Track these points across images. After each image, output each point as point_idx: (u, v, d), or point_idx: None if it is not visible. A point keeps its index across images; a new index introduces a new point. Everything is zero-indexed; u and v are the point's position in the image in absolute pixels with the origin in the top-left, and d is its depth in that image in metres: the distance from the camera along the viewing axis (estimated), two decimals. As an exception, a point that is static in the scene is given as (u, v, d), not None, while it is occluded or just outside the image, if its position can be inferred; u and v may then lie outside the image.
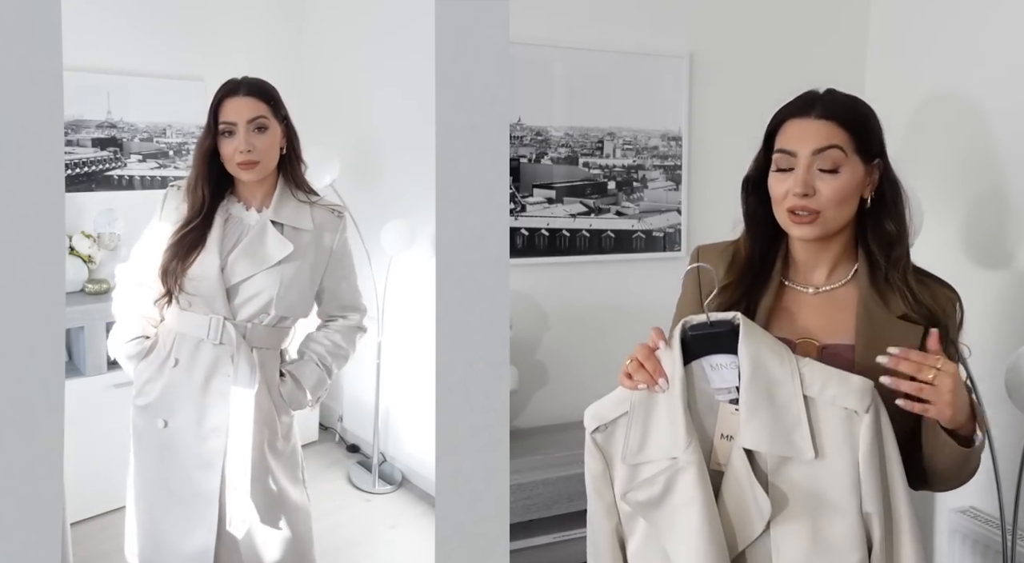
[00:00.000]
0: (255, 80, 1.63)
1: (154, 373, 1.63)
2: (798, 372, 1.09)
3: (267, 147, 1.59)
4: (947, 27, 2.29)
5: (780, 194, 1.19)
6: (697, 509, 1.07)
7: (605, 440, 1.16)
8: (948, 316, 1.22)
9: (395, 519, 2.70)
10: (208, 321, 1.57)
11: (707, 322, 1.13)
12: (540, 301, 2.36)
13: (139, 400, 1.66)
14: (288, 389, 1.65)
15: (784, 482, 1.09)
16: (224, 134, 1.57)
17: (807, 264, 1.25)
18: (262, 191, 1.63)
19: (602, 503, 1.18)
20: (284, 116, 1.64)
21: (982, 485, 2.15)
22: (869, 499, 1.08)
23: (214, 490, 1.59)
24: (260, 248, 1.58)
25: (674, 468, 1.10)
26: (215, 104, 1.59)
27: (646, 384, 1.12)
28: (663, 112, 2.41)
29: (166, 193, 1.65)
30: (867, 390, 1.08)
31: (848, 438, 1.08)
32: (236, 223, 1.61)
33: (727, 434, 1.13)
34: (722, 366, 1.12)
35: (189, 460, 1.61)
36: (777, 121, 1.23)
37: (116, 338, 1.68)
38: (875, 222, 1.22)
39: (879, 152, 1.22)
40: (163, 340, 1.63)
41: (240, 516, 1.60)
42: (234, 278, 1.56)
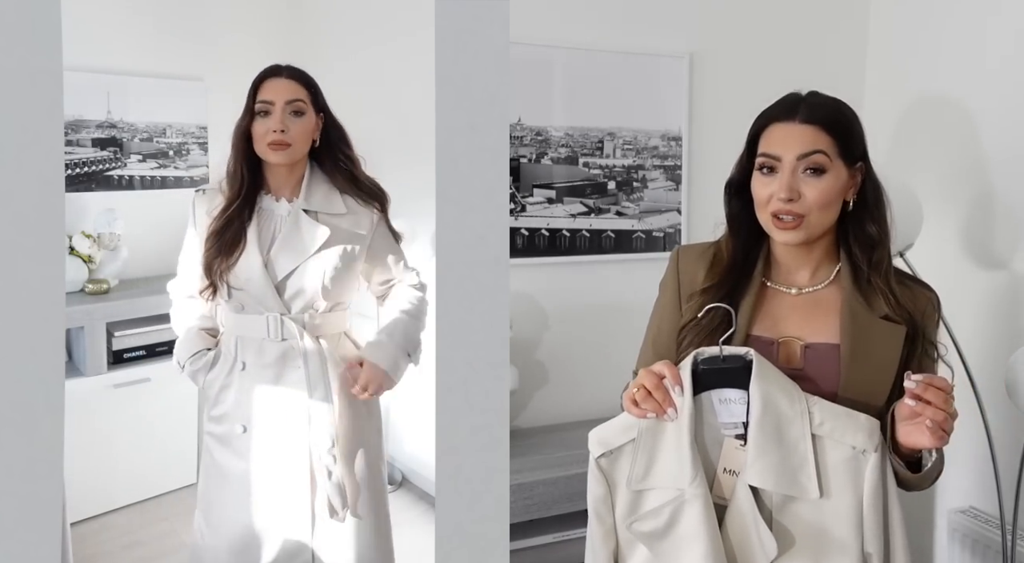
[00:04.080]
0: (297, 67, 1.63)
1: (225, 380, 1.62)
2: (807, 411, 1.09)
3: (301, 132, 1.58)
4: (946, 29, 2.29)
5: (764, 198, 1.18)
6: (703, 543, 1.08)
7: (609, 465, 1.16)
8: (928, 317, 1.22)
9: (395, 519, 2.70)
10: (265, 320, 1.57)
11: (719, 356, 1.13)
12: (540, 301, 2.36)
13: (215, 411, 1.64)
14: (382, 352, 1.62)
15: (788, 520, 1.10)
16: (260, 114, 1.56)
17: (789, 266, 1.25)
18: (291, 181, 1.62)
19: (602, 527, 1.18)
20: (322, 107, 1.63)
21: (982, 485, 2.16)
22: (870, 539, 1.09)
23: (304, 486, 1.58)
24: (298, 239, 1.57)
25: (680, 500, 1.10)
26: (256, 84, 1.58)
27: (655, 414, 1.12)
28: (663, 112, 2.41)
29: (194, 199, 1.64)
30: (875, 429, 1.09)
31: (853, 478, 1.09)
32: (268, 216, 1.60)
33: (730, 469, 1.13)
34: (731, 400, 1.12)
35: (275, 460, 1.59)
36: (760, 124, 1.22)
37: (182, 355, 1.66)
38: (857, 225, 1.22)
39: (862, 155, 1.22)
40: (226, 347, 1.62)
41: (330, 504, 1.59)
42: (280, 273, 1.56)
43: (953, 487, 2.23)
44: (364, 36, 2.98)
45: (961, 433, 1.08)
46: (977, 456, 2.08)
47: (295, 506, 1.60)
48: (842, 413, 1.10)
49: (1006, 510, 2.02)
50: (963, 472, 2.17)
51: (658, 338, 1.29)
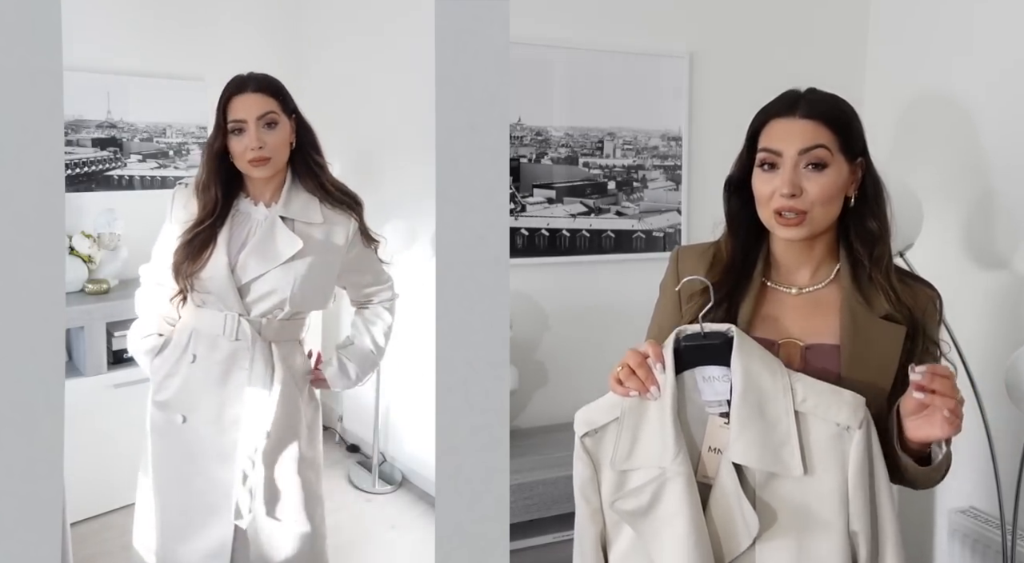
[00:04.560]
0: (262, 76, 1.61)
1: (171, 368, 1.64)
2: (790, 387, 1.08)
3: (278, 143, 1.59)
4: (946, 28, 2.29)
5: (766, 194, 1.18)
6: (684, 521, 1.07)
7: (594, 445, 1.16)
8: (929, 315, 1.22)
9: (395, 519, 2.70)
10: (223, 318, 1.58)
11: (700, 333, 1.13)
12: (540, 301, 2.36)
13: (158, 396, 1.66)
14: (332, 372, 1.70)
15: (772, 498, 1.09)
16: (234, 132, 1.56)
17: (790, 265, 1.25)
18: (272, 187, 1.63)
19: (588, 508, 1.18)
20: (293, 110, 1.64)
21: (982, 485, 2.16)
22: (856, 517, 1.07)
23: (231, 483, 1.60)
24: (270, 245, 1.58)
25: (662, 478, 1.09)
26: (223, 102, 1.58)
27: (637, 391, 1.12)
28: (663, 112, 2.41)
29: (174, 193, 1.66)
30: (860, 405, 1.08)
31: (838, 455, 1.07)
32: (244, 219, 1.61)
33: (715, 447, 1.12)
34: (714, 378, 1.12)
35: (208, 454, 1.62)
36: (760, 121, 1.22)
37: (133, 334, 1.71)
38: (858, 221, 1.21)
39: (862, 151, 1.22)
40: (179, 336, 1.64)
41: (253, 507, 1.62)
42: (245, 277, 1.57)
43: (953, 487, 2.23)
44: (364, 36, 2.98)
45: (961, 433, 1.08)
46: (977, 456, 2.08)
47: (219, 504, 1.61)
48: (826, 389, 1.09)
49: (1006, 510, 2.02)
50: (963, 472, 2.16)
51: (659, 338, 1.29)
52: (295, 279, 1.58)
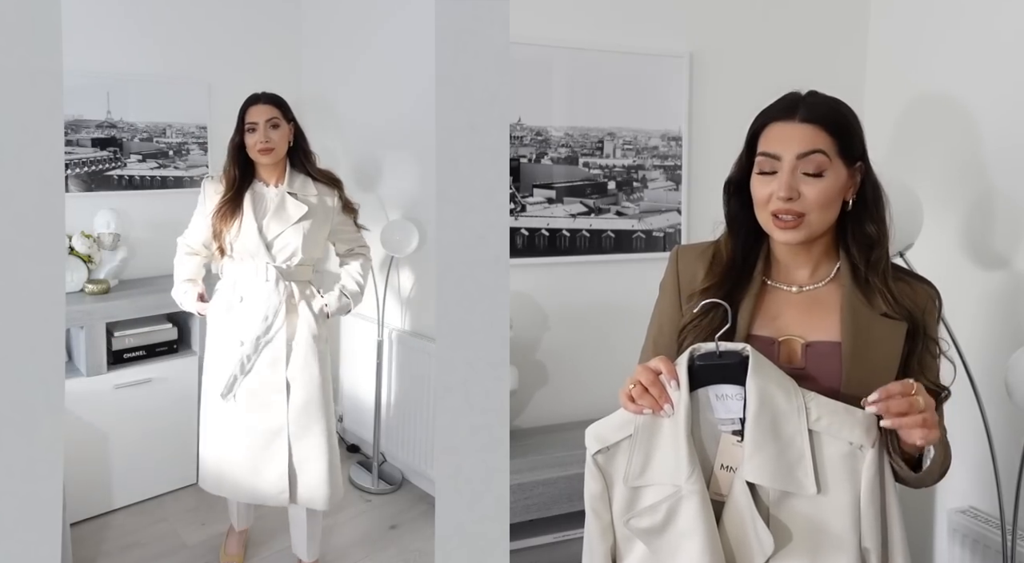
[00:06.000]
0: (271, 93, 2.27)
1: (225, 310, 2.23)
2: (804, 407, 1.09)
3: (280, 139, 2.21)
4: (946, 29, 2.29)
5: (764, 197, 1.18)
6: (699, 539, 1.07)
7: (606, 462, 1.16)
8: (927, 313, 1.22)
9: (395, 519, 2.70)
10: (256, 267, 2.20)
11: (716, 352, 1.13)
12: (540, 301, 2.36)
13: (217, 333, 2.26)
14: (332, 300, 2.31)
15: (786, 516, 1.09)
16: (249, 130, 2.20)
17: (789, 265, 1.25)
18: (276, 172, 2.25)
19: (599, 523, 1.18)
20: (291, 118, 2.27)
21: (982, 485, 2.16)
22: (868, 535, 1.08)
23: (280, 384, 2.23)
24: (284, 212, 2.21)
25: (677, 496, 1.09)
26: (243, 110, 2.21)
27: (651, 410, 1.12)
28: (663, 112, 2.41)
29: (204, 183, 2.26)
30: (872, 424, 1.08)
31: (850, 473, 1.08)
32: (261, 196, 2.23)
33: (727, 465, 1.13)
34: (727, 396, 1.12)
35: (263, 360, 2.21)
36: (760, 124, 1.22)
37: (177, 292, 2.32)
38: (856, 225, 1.21)
39: (861, 155, 1.22)
40: (224, 287, 2.25)
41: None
42: (270, 235, 2.19)
43: (953, 487, 2.23)
44: (364, 37, 2.98)
45: (961, 433, 1.08)
46: (977, 456, 2.08)
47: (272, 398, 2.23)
48: (839, 408, 1.10)
49: (1006, 510, 2.02)
50: (963, 472, 2.17)
51: (659, 338, 1.29)
52: (303, 234, 2.21)
